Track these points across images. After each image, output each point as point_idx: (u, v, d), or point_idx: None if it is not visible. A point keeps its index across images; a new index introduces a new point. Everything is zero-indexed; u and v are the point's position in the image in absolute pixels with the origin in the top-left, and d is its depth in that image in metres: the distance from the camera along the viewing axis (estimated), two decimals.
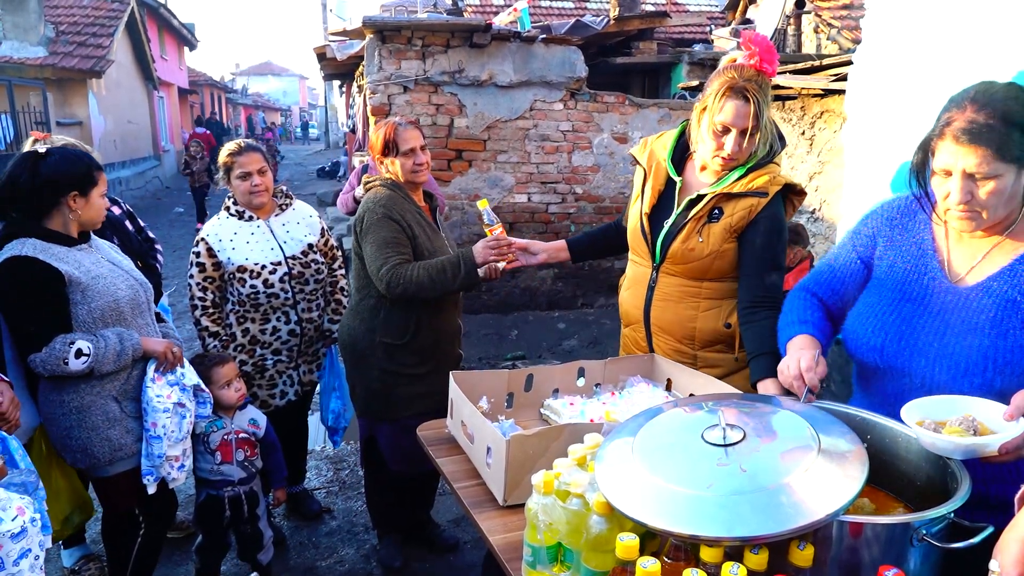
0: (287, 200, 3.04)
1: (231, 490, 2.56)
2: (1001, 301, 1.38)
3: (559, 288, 7.04)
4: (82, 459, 2.20)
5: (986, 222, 1.39)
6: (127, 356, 2.19)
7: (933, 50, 2.40)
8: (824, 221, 4.81)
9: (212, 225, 2.92)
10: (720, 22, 12.84)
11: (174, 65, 22.18)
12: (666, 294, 2.10)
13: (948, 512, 1.12)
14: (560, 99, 6.63)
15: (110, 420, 2.20)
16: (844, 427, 1.27)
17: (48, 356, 2.07)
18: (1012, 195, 1.35)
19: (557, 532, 1.24)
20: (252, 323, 2.90)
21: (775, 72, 1.92)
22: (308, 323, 2.99)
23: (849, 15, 9.19)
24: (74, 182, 2.15)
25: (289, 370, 3.01)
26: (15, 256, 2.06)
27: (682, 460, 1.21)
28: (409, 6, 9.93)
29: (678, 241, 2.04)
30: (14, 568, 1.56)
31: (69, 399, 2.16)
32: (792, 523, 1.03)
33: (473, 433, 1.76)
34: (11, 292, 2.07)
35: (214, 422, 2.54)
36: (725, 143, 1.92)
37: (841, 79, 4.14)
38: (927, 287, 1.49)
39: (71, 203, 2.16)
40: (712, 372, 2.03)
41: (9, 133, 10.81)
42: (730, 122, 1.88)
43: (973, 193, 1.34)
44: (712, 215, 2.00)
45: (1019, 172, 1.33)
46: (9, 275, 2.06)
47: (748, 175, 1.97)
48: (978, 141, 1.30)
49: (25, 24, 12.83)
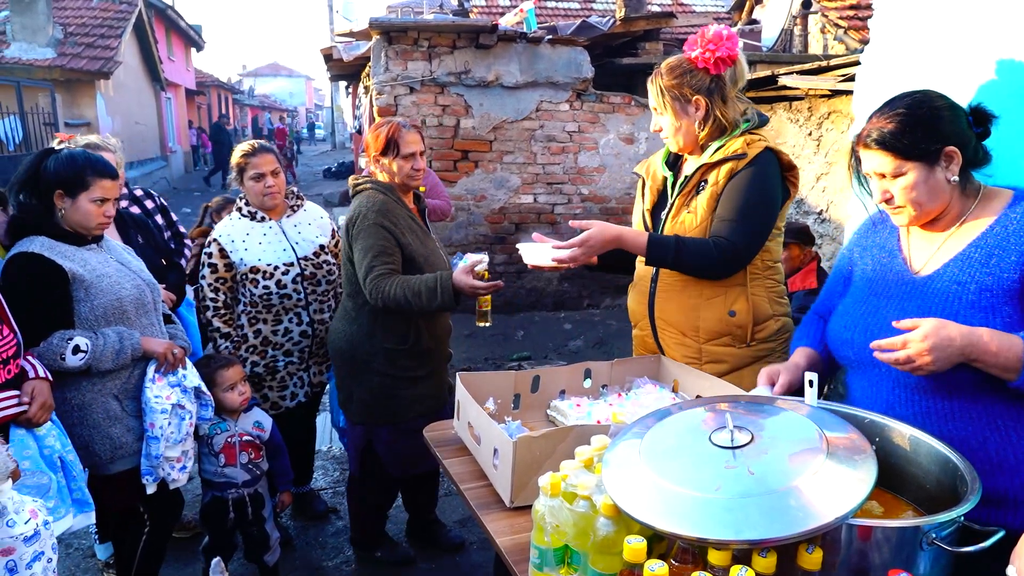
0: (298, 201, 3.05)
1: (235, 492, 2.57)
2: (951, 284, 1.46)
3: (565, 288, 7.03)
4: (84, 456, 2.21)
5: (919, 215, 1.50)
6: (126, 355, 2.20)
7: (941, 50, 2.39)
8: (831, 222, 4.79)
9: (224, 226, 2.92)
10: (726, 22, 12.81)
11: (181, 66, 22.27)
12: (668, 285, 2.11)
13: (958, 516, 1.12)
14: (566, 100, 6.62)
15: (111, 418, 2.22)
16: (852, 429, 1.26)
17: (46, 350, 2.10)
18: (931, 189, 1.46)
19: (564, 534, 1.24)
20: (264, 324, 2.90)
21: (706, 60, 2.00)
22: (320, 324, 2.99)
23: (856, 15, 9.16)
24: (60, 182, 2.17)
25: (300, 372, 3.01)
26: (22, 252, 2.12)
27: (690, 462, 1.21)
28: (415, 7, 9.95)
29: (670, 220, 2.08)
30: (27, 571, 1.57)
31: (71, 396, 2.19)
32: (801, 526, 1.03)
33: (480, 434, 1.76)
34: (17, 287, 2.10)
35: (218, 424, 2.54)
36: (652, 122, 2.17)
37: (849, 79, 4.13)
38: (891, 282, 1.58)
39: (57, 201, 2.18)
40: (718, 367, 2.04)
41: (18, 134, 10.85)
42: (649, 104, 2.14)
43: (890, 191, 1.49)
44: (699, 188, 2.06)
45: (929, 168, 1.45)
46: (16, 270, 2.11)
47: (725, 144, 2.04)
48: (880, 144, 1.47)
49: (34, 25, 12.90)
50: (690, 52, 2.04)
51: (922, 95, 1.50)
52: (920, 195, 1.47)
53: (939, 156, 1.45)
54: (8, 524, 1.56)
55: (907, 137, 1.45)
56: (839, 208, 4.70)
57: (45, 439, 2.00)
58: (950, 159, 1.45)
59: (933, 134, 1.45)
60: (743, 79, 2.08)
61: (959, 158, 1.45)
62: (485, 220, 6.73)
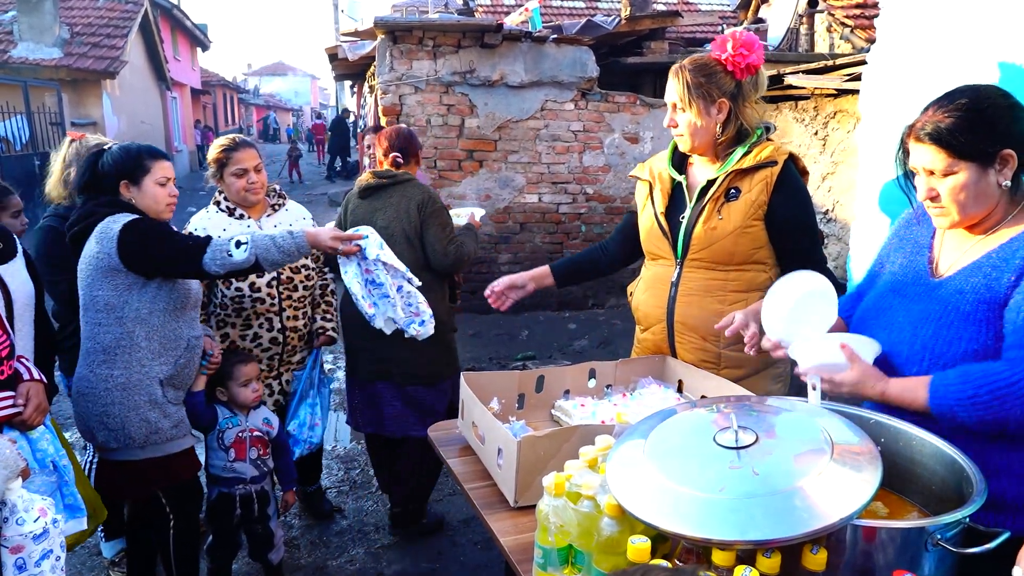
0: (280, 200, 2.93)
1: (243, 488, 2.58)
2: (953, 293, 1.44)
3: (570, 288, 7.03)
4: (116, 438, 2.21)
5: (962, 219, 1.43)
6: (289, 245, 2.27)
7: (949, 49, 2.38)
8: (837, 222, 4.78)
9: (200, 219, 2.80)
10: (732, 21, 12.78)
11: (187, 66, 22.33)
12: (690, 289, 2.08)
13: (964, 517, 1.11)
14: (571, 99, 6.62)
15: (152, 402, 2.23)
16: (857, 430, 1.26)
17: (215, 253, 2.19)
18: (980, 193, 1.39)
19: (568, 534, 1.24)
20: (232, 328, 2.78)
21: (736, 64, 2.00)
22: (292, 331, 2.86)
23: (863, 14, 9.13)
24: (123, 172, 2.26)
25: (268, 379, 2.88)
26: (129, 219, 2.19)
27: (694, 462, 1.20)
28: (420, 6, 9.96)
29: (700, 224, 2.04)
30: (36, 569, 1.57)
31: (117, 374, 2.20)
32: (805, 527, 1.03)
33: (484, 434, 1.76)
34: (149, 234, 2.19)
35: (230, 419, 2.55)
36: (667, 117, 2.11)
37: (855, 79, 4.12)
38: (910, 281, 1.55)
39: (124, 192, 2.26)
40: (735, 372, 2.02)
41: (24, 133, 10.90)
42: (667, 98, 2.07)
43: (936, 189, 1.42)
44: (728, 195, 2.03)
45: (982, 170, 1.37)
46: (136, 226, 2.18)
47: (752, 151, 2.02)
48: (935, 140, 1.38)
49: (41, 25, 12.96)
50: (719, 53, 1.99)
51: (985, 90, 1.41)
52: (968, 198, 1.39)
53: (995, 158, 1.37)
54: (18, 522, 1.57)
55: (965, 135, 1.36)
56: (845, 208, 4.68)
57: (38, 442, 1.97)
58: (1005, 162, 1.37)
59: (992, 134, 1.36)
60: (763, 89, 2.06)
61: (1015, 162, 1.37)
62: (490, 220, 6.74)
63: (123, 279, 2.19)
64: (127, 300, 2.20)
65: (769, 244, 2.03)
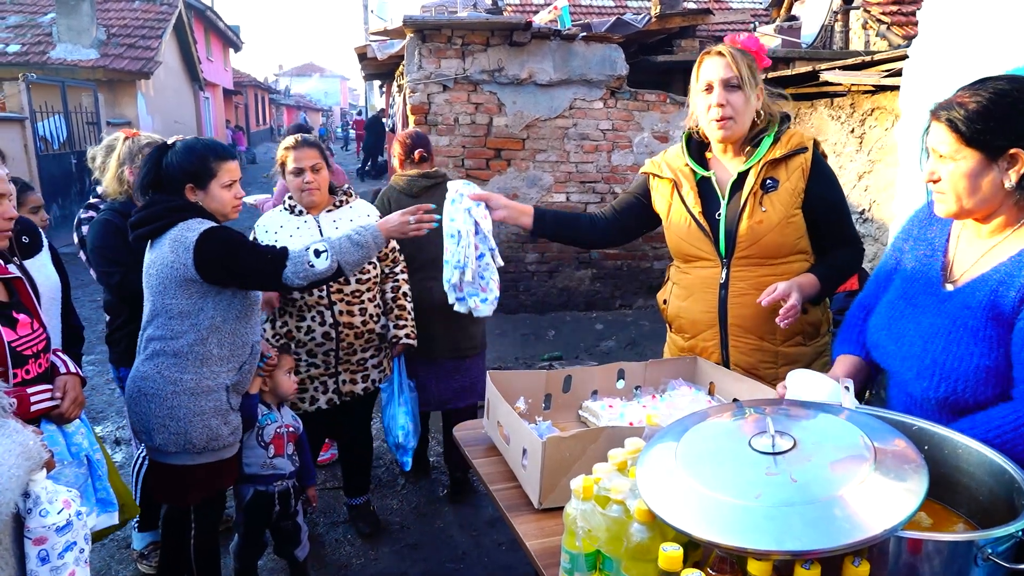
0: (345, 198, 2.93)
1: (281, 484, 2.57)
2: (961, 308, 1.40)
3: (597, 288, 6.97)
4: (175, 441, 2.19)
5: (959, 210, 1.40)
6: (367, 241, 2.26)
7: (992, 42, 2.30)
8: (874, 222, 4.66)
9: (266, 216, 2.92)
10: (764, 19, 12.60)
11: (219, 66, 22.68)
12: (742, 289, 2.02)
13: (1017, 530, 1.05)
14: (600, 97, 6.56)
15: (216, 409, 2.23)
16: (900, 436, 1.20)
17: (296, 265, 2.18)
18: (980, 186, 1.36)
19: (596, 539, 1.20)
20: (290, 317, 2.82)
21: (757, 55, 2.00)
22: (346, 327, 2.81)
23: (899, 11, 8.93)
24: (189, 175, 2.21)
25: (324, 377, 2.86)
26: (204, 228, 2.14)
27: (728, 468, 1.16)
28: (449, 6, 9.95)
29: (744, 219, 1.98)
30: (59, 561, 1.57)
31: (188, 379, 2.18)
32: (847, 538, 0.98)
33: (509, 434, 1.73)
34: (230, 243, 2.15)
35: (268, 415, 2.55)
36: (712, 97, 1.97)
37: (894, 75, 4.01)
38: (921, 290, 1.51)
39: (189, 195, 2.21)
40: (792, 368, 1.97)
41: (62, 133, 11.14)
42: (710, 77, 1.96)
43: (939, 173, 1.39)
44: (765, 186, 1.99)
45: (987, 163, 1.34)
46: (216, 236, 2.14)
47: (780, 140, 2.00)
48: (948, 122, 1.36)
49: (78, 27, 13.23)
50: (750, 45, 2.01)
51: (1016, 83, 1.36)
52: (964, 188, 1.37)
53: (1001, 154, 1.33)
54: (41, 514, 1.57)
55: (978, 123, 1.33)
56: (882, 208, 4.56)
57: (74, 436, 1.99)
58: (1013, 161, 1.33)
59: (1004, 129, 1.32)
60: None
61: (1023, 164, 1.33)
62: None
63: (198, 288, 2.16)
64: (202, 308, 2.17)
65: (806, 232, 2.00)
